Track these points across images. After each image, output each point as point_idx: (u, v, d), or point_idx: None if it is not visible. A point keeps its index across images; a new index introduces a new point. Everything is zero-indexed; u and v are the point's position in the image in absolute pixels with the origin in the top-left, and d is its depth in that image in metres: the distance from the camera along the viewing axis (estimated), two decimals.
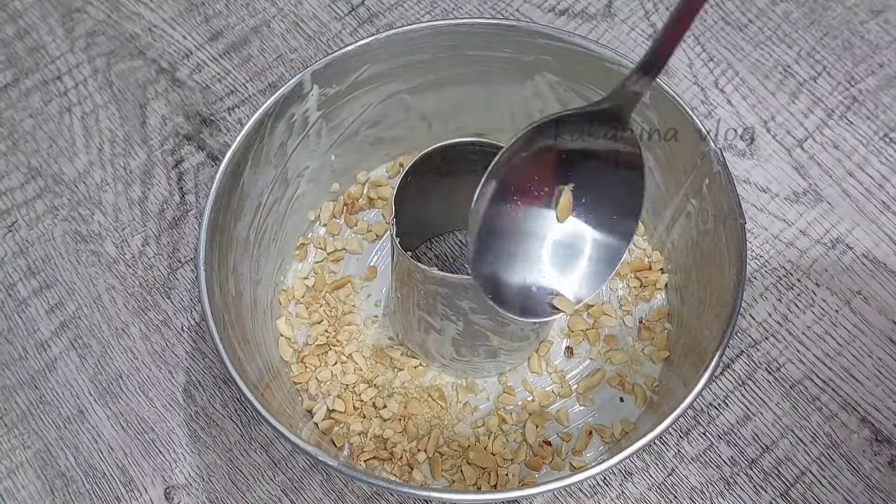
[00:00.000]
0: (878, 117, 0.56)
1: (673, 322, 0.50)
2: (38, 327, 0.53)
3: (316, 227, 0.53)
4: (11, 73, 0.60)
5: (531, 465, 0.47)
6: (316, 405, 0.48)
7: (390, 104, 0.51)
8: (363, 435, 0.47)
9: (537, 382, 0.49)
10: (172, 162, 0.57)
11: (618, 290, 0.51)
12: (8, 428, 0.50)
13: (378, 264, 0.52)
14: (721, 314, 0.43)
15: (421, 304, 0.45)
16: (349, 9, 0.61)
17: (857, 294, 0.52)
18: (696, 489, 0.48)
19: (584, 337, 0.50)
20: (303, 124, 0.48)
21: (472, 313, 0.44)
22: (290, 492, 0.48)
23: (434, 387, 0.48)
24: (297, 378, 0.48)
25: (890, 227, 0.53)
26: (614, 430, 0.47)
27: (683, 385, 0.44)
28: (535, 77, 0.49)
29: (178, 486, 0.49)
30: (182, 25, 0.61)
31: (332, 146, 0.51)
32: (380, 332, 0.50)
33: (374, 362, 0.49)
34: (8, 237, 0.55)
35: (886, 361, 0.50)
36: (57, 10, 0.61)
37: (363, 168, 0.54)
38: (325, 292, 0.51)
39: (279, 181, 0.49)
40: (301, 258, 0.52)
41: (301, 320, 0.50)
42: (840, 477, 0.48)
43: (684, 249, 0.49)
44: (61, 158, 0.57)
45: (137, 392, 0.51)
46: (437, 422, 0.48)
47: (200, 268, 0.43)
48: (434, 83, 0.50)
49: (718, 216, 0.45)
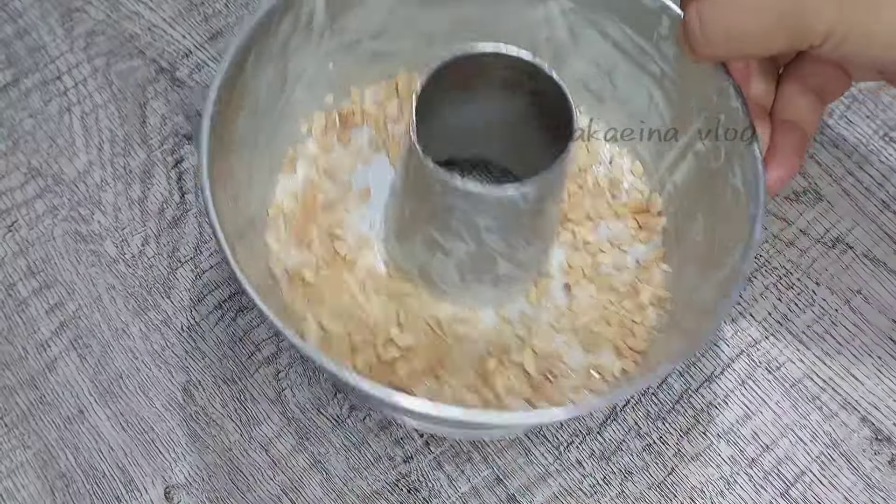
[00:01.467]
0: (877, 116, 0.56)
1: (671, 264, 0.48)
2: (38, 327, 0.53)
3: (307, 139, 0.51)
4: (11, 73, 0.60)
5: (532, 401, 0.45)
6: (305, 324, 0.46)
7: (396, 16, 0.49)
8: (353, 348, 0.45)
9: (536, 315, 0.48)
10: (172, 161, 0.57)
11: (615, 230, 0.50)
12: (8, 428, 0.50)
13: (371, 185, 0.50)
14: (733, 251, 0.42)
15: (432, 219, 0.43)
16: None
17: (857, 293, 0.52)
18: (696, 488, 0.48)
19: (582, 274, 0.49)
20: (307, 22, 0.47)
21: (486, 232, 0.43)
22: (289, 491, 0.48)
23: (431, 315, 0.47)
24: (287, 296, 0.46)
25: (890, 226, 0.53)
26: (614, 370, 0.46)
27: (680, 329, 0.44)
28: (548, 1, 0.48)
29: (178, 486, 0.49)
30: (182, 25, 0.61)
31: (333, 52, 0.49)
32: (373, 256, 0.48)
33: (367, 286, 0.47)
34: (8, 237, 0.55)
35: (886, 360, 0.50)
36: (56, 10, 0.61)
37: (359, 84, 0.52)
38: (316, 210, 0.49)
39: (277, 81, 0.47)
40: (290, 171, 0.50)
41: (291, 238, 0.48)
42: (840, 476, 0.48)
43: (688, 191, 0.48)
44: (61, 158, 0.57)
45: (137, 392, 0.51)
46: (434, 352, 0.46)
47: (204, 158, 0.41)
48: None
49: (732, 152, 0.44)
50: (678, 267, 0.48)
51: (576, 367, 0.47)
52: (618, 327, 0.47)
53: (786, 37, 0.40)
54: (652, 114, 0.49)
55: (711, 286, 0.43)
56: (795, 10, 0.39)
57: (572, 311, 0.48)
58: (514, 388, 0.46)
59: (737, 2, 0.40)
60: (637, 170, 0.51)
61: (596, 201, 0.50)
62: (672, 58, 0.47)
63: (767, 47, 0.41)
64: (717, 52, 0.42)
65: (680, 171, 0.48)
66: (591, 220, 0.50)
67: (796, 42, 0.40)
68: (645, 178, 0.51)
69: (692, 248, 0.47)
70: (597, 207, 0.50)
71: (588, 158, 0.51)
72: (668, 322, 0.47)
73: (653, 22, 0.46)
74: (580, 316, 0.48)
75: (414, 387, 0.45)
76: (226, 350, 0.52)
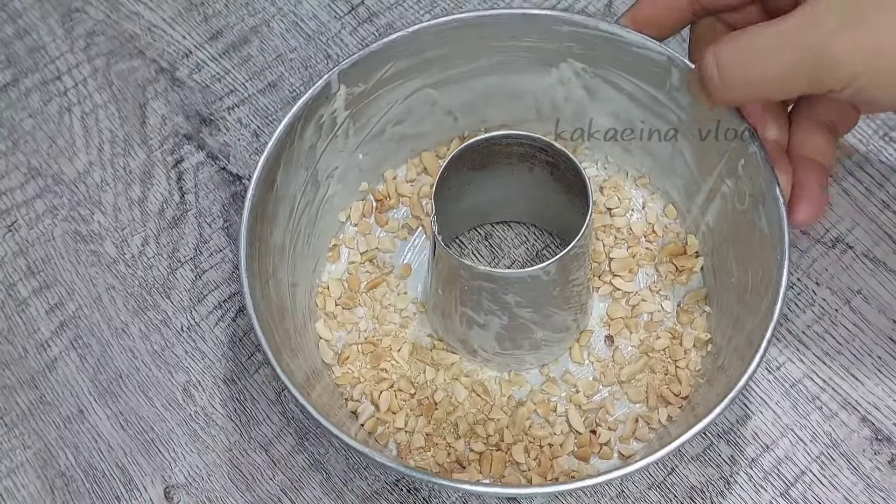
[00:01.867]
0: (877, 116, 0.56)
1: (712, 304, 0.49)
2: (38, 327, 0.53)
3: (347, 227, 0.52)
4: (11, 73, 0.60)
5: (579, 456, 0.46)
6: (360, 406, 0.48)
7: (415, 100, 0.50)
8: (409, 433, 0.47)
9: (579, 372, 0.49)
10: (172, 161, 0.57)
11: (654, 275, 0.51)
12: (8, 428, 0.50)
13: (412, 261, 0.52)
14: (764, 297, 0.42)
15: (464, 299, 0.45)
16: (349, 8, 0.61)
17: (857, 293, 0.52)
18: (696, 488, 0.48)
19: (623, 325, 0.49)
20: (331, 125, 0.48)
21: (517, 307, 0.44)
22: (289, 491, 0.48)
23: (477, 381, 0.48)
24: (339, 380, 0.48)
25: (890, 225, 0.53)
26: (660, 417, 0.47)
27: (723, 369, 0.44)
28: (559, 65, 0.49)
29: (178, 486, 0.49)
30: (181, 25, 0.61)
31: (360, 145, 0.51)
32: (419, 329, 0.50)
33: (416, 360, 0.49)
34: (8, 237, 0.55)
35: (886, 360, 0.50)
36: (56, 10, 0.62)
37: (390, 166, 0.53)
38: (361, 292, 0.51)
39: (310, 183, 0.49)
40: (334, 260, 0.51)
41: (339, 322, 0.50)
42: (840, 476, 0.48)
43: (720, 231, 0.48)
44: (61, 158, 0.57)
45: (137, 392, 0.51)
46: (482, 416, 0.47)
47: (243, 276, 0.43)
48: (458, 76, 0.50)
49: (756, 196, 0.44)
50: (718, 307, 0.49)
51: (622, 418, 0.48)
52: (662, 375, 0.48)
53: (806, 82, 0.38)
54: (677, 160, 0.50)
55: (748, 327, 0.44)
56: (815, 55, 0.37)
57: (616, 363, 0.49)
58: (562, 445, 0.47)
59: (755, 45, 0.39)
60: (670, 212, 0.52)
61: (633, 250, 0.51)
62: (687, 106, 0.47)
63: (787, 91, 0.40)
64: (735, 97, 0.41)
65: (710, 212, 0.49)
66: (630, 270, 0.50)
67: (817, 87, 0.38)
68: (679, 220, 0.52)
69: (730, 288, 0.48)
70: (634, 256, 0.51)
71: (621, 206, 0.52)
72: (710, 365, 0.47)
73: (662, 74, 0.47)
74: (624, 367, 0.49)
75: (462, 452, 0.47)
76: (226, 350, 0.52)
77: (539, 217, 0.53)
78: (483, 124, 0.53)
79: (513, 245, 0.53)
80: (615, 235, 0.51)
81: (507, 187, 0.50)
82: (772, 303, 0.41)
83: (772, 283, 0.42)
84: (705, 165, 0.48)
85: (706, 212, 0.49)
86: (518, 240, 0.54)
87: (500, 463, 0.46)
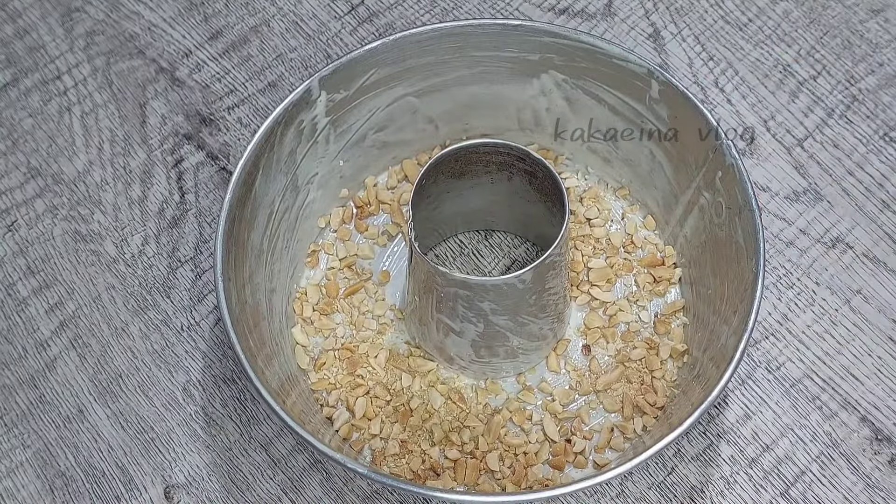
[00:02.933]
0: (877, 116, 0.56)
1: (689, 315, 0.49)
2: (38, 327, 0.53)
3: (326, 233, 0.53)
4: (11, 73, 0.60)
5: (554, 465, 0.47)
6: (335, 412, 0.48)
7: (397, 108, 0.51)
8: (384, 440, 0.47)
9: (556, 381, 0.49)
10: (172, 161, 0.57)
11: (632, 286, 0.51)
12: (8, 428, 0.50)
13: (391, 268, 0.52)
14: (739, 308, 0.43)
15: (440, 306, 0.45)
16: (349, 8, 0.61)
17: (857, 293, 0.52)
18: (696, 488, 0.48)
19: (600, 334, 0.50)
20: (311, 131, 0.49)
21: (493, 314, 0.44)
22: (289, 491, 0.48)
23: (453, 389, 0.48)
24: (315, 385, 0.48)
25: (889, 225, 0.53)
26: (636, 427, 0.47)
27: (699, 379, 0.44)
28: (541, 76, 0.50)
29: (178, 486, 0.49)
30: (181, 25, 0.61)
31: (341, 152, 0.51)
32: (396, 336, 0.50)
33: (392, 367, 0.49)
34: (8, 237, 0.55)
35: (886, 360, 0.50)
36: (56, 10, 0.61)
37: (371, 173, 0.54)
38: (339, 298, 0.51)
39: (290, 189, 0.49)
40: (313, 266, 0.52)
41: (316, 328, 0.50)
42: (840, 476, 0.48)
43: (698, 243, 0.49)
44: (61, 158, 0.57)
45: (137, 391, 0.51)
46: (458, 424, 0.47)
47: (219, 279, 0.43)
48: (440, 85, 0.50)
49: (733, 208, 0.45)
50: (695, 318, 0.49)
51: (598, 427, 0.48)
52: (638, 385, 0.48)
53: None
54: (657, 172, 0.50)
55: (724, 338, 0.44)
56: None
57: (592, 373, 0.49)
58: (537, 453, 0.47)
59: None
60: (649, 224, 0.52)
61: (611, 260, 0.51)
62: (667, 118, 0.48)
63: None
64: None
65: (689, 224, 0.49)
66: (608, 281, 0.50)
67: None
68: (657, 231, 0.52)
69: (706, 299, 0.48)
70: (613, 266, 0.51)
71: (600, 217, 0.52)
72: (686, 375, 0.47)
73: (642, 86, 0.47)
74: (600, 376, 0.49)
75: (438, 460, 0.47)
76: (226, 350, 0.52)
77: (517, 225, 0.53)
78: (464, 133, 0.53)
79: (512, 245, 0.53)
80: (594, 245, 0.52)
81: (486, 196, 0.50)
82: (746, 314, 0.42)
83: (747, 295, 0.42)
84: (684, 177, 0.48)
85: (684, 223, 0.50)
86: (507, 244, 0.54)
87: (475, 470, 0.46)
